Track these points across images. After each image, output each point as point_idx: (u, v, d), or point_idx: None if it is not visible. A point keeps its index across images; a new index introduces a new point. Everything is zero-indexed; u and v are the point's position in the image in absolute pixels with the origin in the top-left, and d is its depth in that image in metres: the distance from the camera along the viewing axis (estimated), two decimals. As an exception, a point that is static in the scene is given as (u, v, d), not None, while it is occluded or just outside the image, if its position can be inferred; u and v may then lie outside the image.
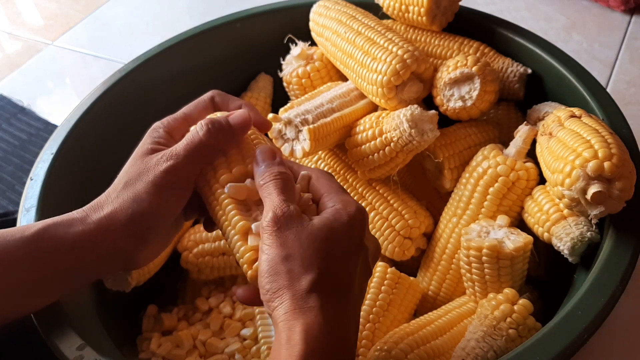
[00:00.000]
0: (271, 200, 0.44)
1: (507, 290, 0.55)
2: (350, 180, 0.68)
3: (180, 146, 0.48)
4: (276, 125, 0.62)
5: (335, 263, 0.42)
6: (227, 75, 0.82)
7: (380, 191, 0.66)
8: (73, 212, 0.47)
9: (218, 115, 0.52)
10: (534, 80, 0.68)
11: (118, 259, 0.48)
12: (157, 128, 0.51)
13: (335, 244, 0.42)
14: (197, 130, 0.48)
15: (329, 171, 0.69)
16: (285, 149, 0.63)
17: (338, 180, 0.68)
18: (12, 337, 0.54)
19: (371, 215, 0.65)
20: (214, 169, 0.49)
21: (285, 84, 0.76)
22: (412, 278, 0.63)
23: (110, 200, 0.47)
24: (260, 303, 0.43)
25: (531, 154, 0.60)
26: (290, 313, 0.39)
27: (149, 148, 0.49)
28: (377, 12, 0.72)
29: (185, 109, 0.53)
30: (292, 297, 0.40)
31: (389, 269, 0.61)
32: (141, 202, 0.46)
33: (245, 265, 0.45)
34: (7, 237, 0.45)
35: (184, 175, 0.48)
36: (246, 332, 0.66)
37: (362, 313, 0.59)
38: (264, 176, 0.46)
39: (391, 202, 0.65)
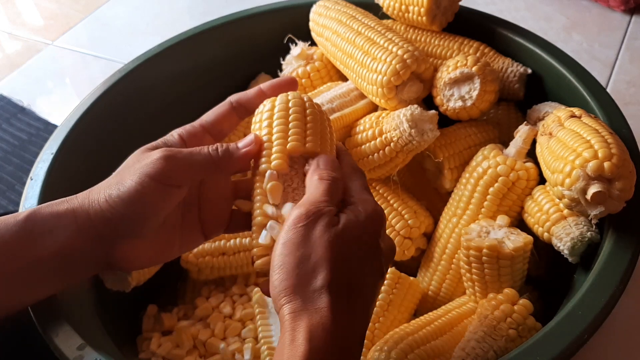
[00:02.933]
0: (311, 195, 0.44)
1: (507, 290, 0.55)
2: (350, 180, 0.68)
3: (185, 150, 0.48)
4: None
5: (347, 264, 0.41)
6: (227, 75, 0.82)
7: (380, 191, 0.66)
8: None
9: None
10: (534, 80, 0.68)
11: (97, 242, 0.47)
12: (172, 132, 0.52)
13: (350, 245, 0.42)
14: (209, 148, 0.48)
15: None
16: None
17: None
18: (12, 337, 0.54)
19: (371, 215, 0.65)
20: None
21: (285, 84, 0.76)
22: (412, 278, 0.63)
23: (99, 184, 0.48)
24: None
25: (531, 154, 0.60)
26: (297, 313, 0.39)
27: (155, 145, 0.50)
28: (377, 12, 0.72)
29: (203, 117, 0.53)
30: (301, 298, 0.39)
31: (389, 269, 0.61)
32: (121, 187, 0.46)
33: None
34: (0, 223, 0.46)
35: (176, 175, 0.47)
36: (246, 332, 0.66)
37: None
38: (322, 173, 0.45)
39: (391, 202, 0.65)
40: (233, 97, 0.54)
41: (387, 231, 0.64)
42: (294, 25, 0.77)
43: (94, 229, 0.46)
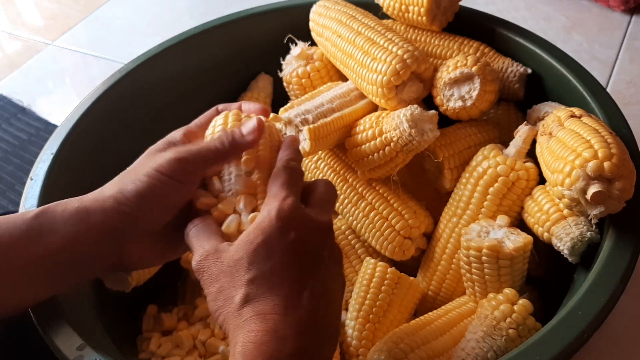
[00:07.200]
0: (197, 248, 0.46)
1: (507, 290, 0.55)
2: (350, 180, 0.68)
3: (194, 148, 0.49)
4: (276, 125, 0.62)
5: (262, 273, 0.43)
6: (227, 75, 0.82)
7: (380, 191, 0.66)
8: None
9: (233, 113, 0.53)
10: (534, 80, 0.68)
11: (109, 238, 0.47)
12: (174, 132, 0.53)
13: (258, 254, 0.43)
14: (214, 142, 0.49)
15: (329, 171, 0.70)
16: (285, 149, 0.63)
17: (337, 180, 0.68)
18: (12, 337, 0.54)
19: (371, 215, 0.65)
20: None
21: (285, 84, 0.76)
22: (412, 278, 0.63)
23: (110, 182, 0.49)
24: None
25: (531, 154, 0.60)
26: (231, 330, 0.42)
27: (162, 146, 0.51)
28: (377, 12, 0.72)
29: (195, 121, 0.55)
30: (228, 316, 0.42)
31: (389, 269, 0.61)
32: (137, 182, 0.47)
33: None
34: (7, 220, 0.46)
35: (190, 174, 0.49)
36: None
37: (362, 313, 0.59)
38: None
39: (391, 202, 0.65)
40: (220, 106, 0.57)
41: (387, 231, 0.64)
42: (294, 25, 0.77)
43: (108, 224, 0.47)
